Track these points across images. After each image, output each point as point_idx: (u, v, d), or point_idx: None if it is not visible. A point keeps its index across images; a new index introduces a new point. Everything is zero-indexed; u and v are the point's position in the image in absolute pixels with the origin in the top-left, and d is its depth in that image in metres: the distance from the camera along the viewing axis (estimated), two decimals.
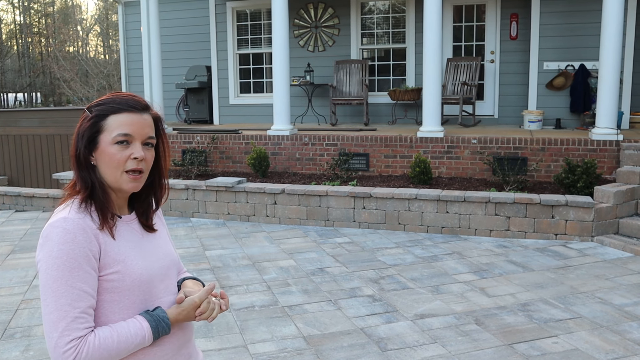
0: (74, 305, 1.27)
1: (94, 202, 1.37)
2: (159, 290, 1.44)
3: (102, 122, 1.36)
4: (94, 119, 1.36)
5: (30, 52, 37.37)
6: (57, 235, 1.28)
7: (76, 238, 1.29)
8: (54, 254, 1.27)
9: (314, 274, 5.15)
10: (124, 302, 1.36)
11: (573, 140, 7.00)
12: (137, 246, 1.42)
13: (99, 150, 1.36)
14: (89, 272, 1.29)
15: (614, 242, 5.73)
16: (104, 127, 1.36)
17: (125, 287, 1.35)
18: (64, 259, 1.27)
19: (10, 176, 10.21)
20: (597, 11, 8.01)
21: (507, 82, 9.05)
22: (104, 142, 1.36)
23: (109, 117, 1.36)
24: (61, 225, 1.29)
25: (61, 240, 1.28)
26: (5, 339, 3.92)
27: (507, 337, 3.78)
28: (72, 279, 1.27)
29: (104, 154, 1.36)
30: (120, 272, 1.34)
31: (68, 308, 1.26)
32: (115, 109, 1.36)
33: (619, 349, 3.59)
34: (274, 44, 8.07)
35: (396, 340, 3.77)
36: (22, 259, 5.84)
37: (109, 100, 1.38)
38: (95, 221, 1.35)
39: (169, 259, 1.51)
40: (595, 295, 4.51)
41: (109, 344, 1.29)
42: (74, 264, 1.27)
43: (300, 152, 8.09)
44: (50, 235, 1.29)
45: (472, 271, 5.13)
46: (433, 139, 7.48)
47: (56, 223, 1.30)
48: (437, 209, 6.37)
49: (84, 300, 1.28)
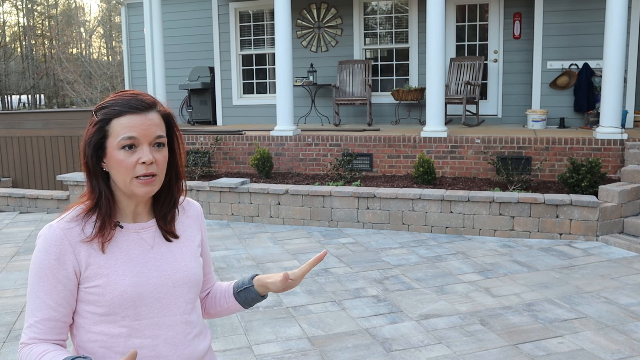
0: (34, 313, 1.30)
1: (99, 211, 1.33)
2: (153, 310, 1.35)
3: (107, 126, 1.30)
4: (99, 123, 1.30)
5: (34, 54, 37.46)
6: (39, 242, 1.30)
7: (50, 249, 1.28)
8: (33, 260, 1.31)
9: (318, 274, 5.14)
10: (105, 317, 1.32)
11: (577, 140, 6.98)
12: (134, 259, 1.34)
13: (108, 156, 1.31)
14: (54, 285, 1.29)
15: (619, 241, 5.71)
16: (109, 131, 1.30)
17: (105, 302, 1.30)
18: (36, 267, 1.30)
19: (15, 178, 10.24)
20: (601, 10, 7.99)
21: (511, 81, 9.03)
22: (110, 147, 1.30)
23: (112, 120, 1.29)
24: (44, 232, 1.30)
25: (39, 247, 1.29)
26: (10, 341, 3.93)
27: (513, 337, 3.77)
28: (38, 287, 1.29)
29: (112, 160, 1.30)
30: (100, 287, 1.30)
31: (30, 313, 1.31)
32: (117, 112, 1.29)
33: (625, 349, 3.57)
34: (276, 45, 8.07)
35: (401, 340, 3.76)
36: (26, 261, 5.85)
37: (112, 102, 1.31)
38: (86, 232, 1.31)
39: (180, 274, 1.39)
40: (600, 294, 4.49)
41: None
42: (41, 273, 1.29)
43: (303, 152, 8.08)
44: (38, 240, 1.31)
45: (476, 271, 5.12)
46: (436, 139, 7.46)
47: (43, 230, 1.31)
48: (441, 209, 6.36)
49: (42, 310, 1.29)
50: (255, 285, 1.54)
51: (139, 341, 1.34)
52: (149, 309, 1.34)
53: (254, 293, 1.54)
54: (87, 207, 1.34)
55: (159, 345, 1.36)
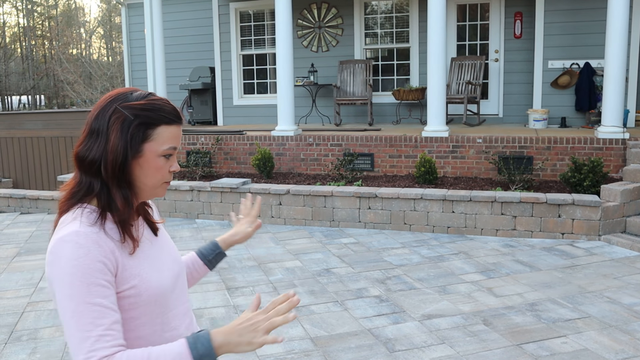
0: (96, 323, 1.15)
1: (114, 214, 1.26)
2: (172, 301, 1.36)
3: (151, 130, 1.27)
4: (144, 125, 1.26)
5: (34, 54, 37.46)
6: (69, 251, 1.17)
7: (90, 252, 1.18)
8: (67, 271, 1.17)
9: (320, 274, 5.13)
10: (141, 319, 1.28)
11: (579, 139, 6.97)
12: (149, 255, 1.33)
13: (143, 159, 1.27)
14: (107, 286, 1.19)
15: (622, 240, 5.70)
16: (152, 135, 1.27)
17: (143, 302, 1.27)
18: (79, 276, 1.16)
19: (15, 178, 10.23)
20: (602, 9, 7.98)
21: (512, 81, 9.02)
22: (150, 151, 1.27)
23: (161, 127, 1.27)
24: (73, 239, 1.18)
25: (74, 255, 1.17)
26: (12, 342, 3.91)
27: (516, 337, 3.76)
28: (90, 295, 1.16)
29: (148, 163, 1.27)
30: (136, 287, 1.26)
31: (90, 327, 1.15)
32: (168, 120, 1.28)
33: (629, 348, 3.56)
34: (277, 45, 8.06)
35: (404, 341, 3.75)
36: (27, 262, 5.84)
37: (157, 107, 1.28)
38: (111, 235, 1.25)
39: (178, 264, 1.42)
40: (603, 294, 4.48)
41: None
42: (90, 279, 1.17)
43: (304, 152, 8.07)
44: (62, 251, 1.18)
45: (479, 271, 5.11)
46: (438, 139, 7.45)
47: (67, 237, 1.19)
48: (443, 208, 6.35)
49: (106, 316, 1.17)
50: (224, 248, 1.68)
51: (169, 334, 1.35)
52: (171, 301, 1.35)
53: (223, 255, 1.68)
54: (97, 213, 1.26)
55: (183, 334, 1.38)
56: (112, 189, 1.26)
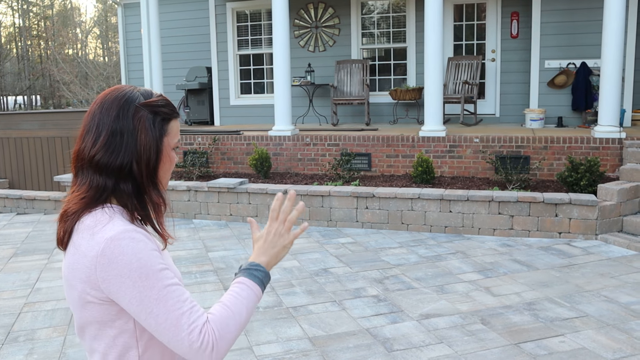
0: (182, 299, 1.19)
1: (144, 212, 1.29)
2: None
3: (167, 125, 1.31)
4: (163, 121, 1.30)
5: (30, 54, 37.36)
6: (129, 247, 1.18)
7: (146, 244, 1.20)
8: (135, 266, 1.17)
9: (318, 274, 5.13)
10: None
11: (575, 139, 6.98)
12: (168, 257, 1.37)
13: (163, 154, 1.30)
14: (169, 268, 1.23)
15: (619, 240, 5.71)
16: (168, 130, 1.31)
17: None
18: (148, 266, 1.18)
19: (11, 179, 10.19)
20: (599, 9, 7.99)
21: (509, 80, 9.03)
22: (167, 145, 1.31)
23: (172, 121, 1.32)
24: (127, 236, 1.19)
25: (135, 250, 1.18)
26: (8, 343, 3.90)
27: (514, 336, 3.76)
28: (164, 279, 1.19)
29: (166, 157, 1.31)
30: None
31: (179, 304, 1.18)
32: (176, 114, 1.33)
33: (626, 347, 3.56)
34: (274, 45, 8.05)
35: (402, 340, 3.75)
36: (24, 262, 5.82)
37: (167, 103, 1.32)
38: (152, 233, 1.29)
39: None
40: (600, 293, 4.49)
41: (223, 312, 1.22)
42: (157, 266, 1.19)
43: (302, 152, 8.07)
44: (119, 249, 1.18)
45: (476, 270, 5.11)
46: (435, 138, 7.46)
47: (120, 236, 1.18)
48: (440, 208, 6.35)
49: (184, 292, 1.21)
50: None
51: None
52: None
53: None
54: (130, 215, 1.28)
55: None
56: (146, 188, 1.27)
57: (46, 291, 4.92)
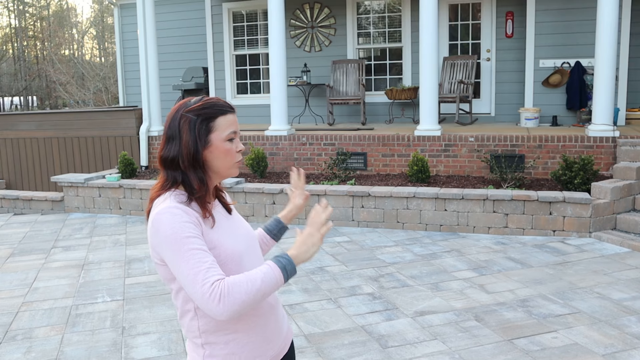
0: (202, 261, 1.46)
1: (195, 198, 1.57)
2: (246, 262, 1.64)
3: (212, 123, 1.58)
4: (205, 121, 1.58)
5: (26, 55, 37.29)
6: (167, 218, 1.49)
7: (182, 217, 1.50)
8: (169, 233, 1.48)
9: (314, 272, 5.16)
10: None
11: (570, 137, 7.03)
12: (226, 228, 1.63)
13: (213, 147, 1.58)
14: (199, 237, 1.50)
15: (612, 237, 5.76)
16: (214, 127, 1.58)
17: (222, 261, 1.57)
18: (179, 233, 1.47)
19: (8, 179, 10.20)
20: (592, 8, 8.05)
21: (504, 80, 9.08)
22: (217, 139, 1.58)
23: (218, 118, 1.59)
24: (168, 211, 1.50)
25: (170, 221, 1.49)
26: (6, 341, 3.93)
27: (507, 332, 3.81)
28: (190, 244, 1.47)
29: (217, 150, 1.59)
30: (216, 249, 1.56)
31: (199, 264, 1.45)
32: (222, 111, 1.60)
33: (618, 342, 3.61)
34: (270, 45, 8.09)
35: (397, 337, 3.79)
36: (21, 262, 5.84)
37: (211, 104, 1.59)
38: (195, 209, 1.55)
39: (250, 236, 1.73)
40: (593, 290, 4.53)
41: (239, 277, 1.46)
42: (187, 233, 1.48)
43: (298, 152, 8.10)
44: (161, 221, 1.50)
45: (471, 268, 5.15)
46: (430, 138, 7.50)
47: (163, 211, 1.51)
48: (436, 207, 6.40)
49: (207, 256, 1.47)
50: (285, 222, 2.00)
51: None
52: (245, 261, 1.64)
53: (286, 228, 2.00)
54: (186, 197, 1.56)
55: None
56: (189, 175, 1.58)
57: (43, 290, 4.95)
